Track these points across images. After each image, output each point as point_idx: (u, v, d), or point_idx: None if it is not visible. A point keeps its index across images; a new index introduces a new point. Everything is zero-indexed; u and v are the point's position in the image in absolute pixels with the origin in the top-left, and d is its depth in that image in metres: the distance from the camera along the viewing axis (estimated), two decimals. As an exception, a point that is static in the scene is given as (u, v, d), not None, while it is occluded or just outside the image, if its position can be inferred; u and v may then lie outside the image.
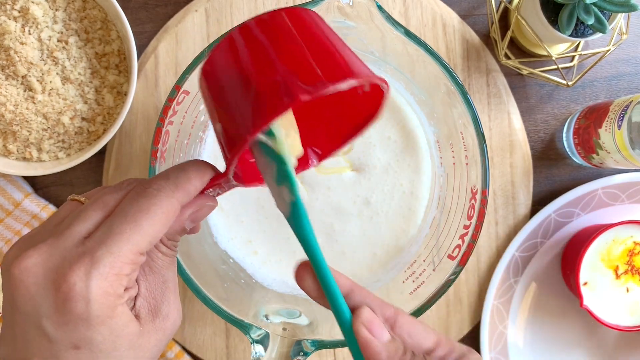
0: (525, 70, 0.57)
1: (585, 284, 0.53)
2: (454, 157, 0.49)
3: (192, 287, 0.43)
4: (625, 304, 0.54)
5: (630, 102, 0.49)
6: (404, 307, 0.45)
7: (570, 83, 0.56)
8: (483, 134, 0.44)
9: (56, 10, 0.53)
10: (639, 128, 0.48)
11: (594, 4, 0.48)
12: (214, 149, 0.52)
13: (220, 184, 0.32)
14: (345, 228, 0.52)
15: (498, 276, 0.57)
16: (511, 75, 0.59)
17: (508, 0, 0.58)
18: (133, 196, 0.30)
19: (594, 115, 0.54)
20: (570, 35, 0.51)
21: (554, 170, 0.60)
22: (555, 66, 0.57)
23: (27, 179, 0.57)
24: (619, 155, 0.51)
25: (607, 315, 0.53)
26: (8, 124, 0.52)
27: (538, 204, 0.59)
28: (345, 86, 0.27)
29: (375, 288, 0.51)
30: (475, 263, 0.58)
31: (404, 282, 0.49)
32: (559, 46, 0.59)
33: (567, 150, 0.59)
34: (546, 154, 0.60)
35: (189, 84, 0.44)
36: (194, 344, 0.56)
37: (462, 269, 0.44)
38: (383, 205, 0.53)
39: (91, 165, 0.58)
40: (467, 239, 0.44)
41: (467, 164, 0.47)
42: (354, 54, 0.30)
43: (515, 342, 0.58)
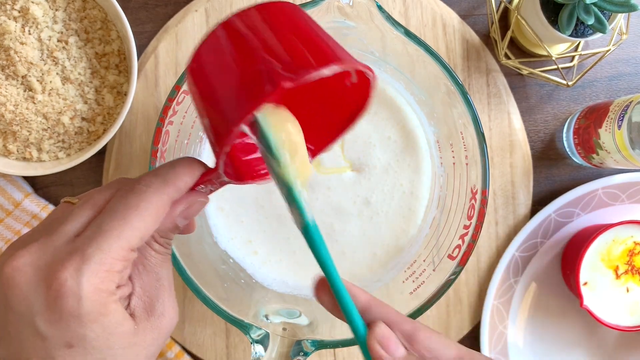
0: (525, 70, 0.57)
1: (585, 284, 0.53)
2: (454, 157, 0.49)
3: (192, 287, 0.43)
4: (625, 304, 0.54)
5: (630, 102, 0.49)
6: (404, 307, 0.45)
7: (570, 83, 0.56)
8: (483, 134, 0.44)
9: (56, 10, 0.53)
10: (639, 128, 0.48)
11: (594, 4, 0.48)
12: (214, 149, 0.52)
13: (211, 180, 0.32)
14: (345, 228, 0.52)
15: (498, 276, 0.57)
16: (511, 75, 0.59)
17: (508, 0, 0.58)
18: (122, 194, 0.30)
19: (594, 115, 0.54)
20: (570, 35, 0.51)
21: (554, 170, 0.60)
22: (555, 66, 0.57)
23: (27, 179, 0.57)
24: (619, 155, 0.51)
25: (607, 315, 0.53)
26: (8, 124, 0.52)
27: (538, 204, 0.59)
28: (328, 72, 0.27)
29: (375, 288, 0.51)
30: (475, 263, 0.58)
31: (404, 282, 0.49)
32: (559, 46, 0.59)
33: (567, 150, 0.59)
34: (546, 154, 0.60)
35: (189, 84, 0.44)
36: (194, 344, 0.56)
37: (462, 269, 0.44)
38: (383, 205, 0.53)
39: (91, 165, 0.58)
40: (467, 239, 0.44)
41: (467, 164, 0.47)
42: (338, 44, 0.30)
43: (515, 342, 0.58)
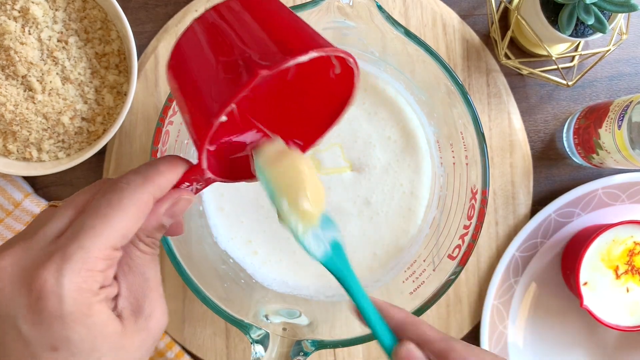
0: (525, 70, 0.57)
1: (585, 284, 0.53)
2: (454, 157, 0.49)
3: (192, 287, 0.43)
4: (625, 304, 0.54)
5: (630, 102, 0.49)
6: (404, 307, 0.45)
7: (570, 83, 0.56)
8: (483, 134, 0.44)
9: (56, 10, 0.53)
10: (639, 128, 0.48)
11: (594, 4, 0.48)
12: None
13: (196, 178, 0.31)
14: (345, 228, 0.52)
15: (498, 276, 0.57)
16: (511, 75, 0.59)
17: (508, 0, 0.58)
18: (103, 192, 0.29)
19: (594, 115, 0.54)
20: (570, 35, 0.51)
21: (554, 170, 0.60)
22: (555, 66, 0.57)
23: (27, 179, 0.57)
24: (619, 155, 0.51)
25: (607, 315, 0.53)
26: (8, 124, 0.52)
27: (538, 204, 0.59)
28: (305, 58, 0.27)
29: (375, 288, 0.51)
30: (475, 263, 0.58)
31: (404, 282, 0.49)
32: (559, 46, 0.59)
33: (567, 150, 0.59)
34: (546, 154, 0.60)
35: (189, 84, 0.44)
36: (194, 344, 0.56)
37: (462, 269, 0.44)
38: (383, 206, 0.53)
39: (91, 165, 0.58)
40: (467, 239, 0.44)
41: (467, 164, 0.47)
42: (316, 32, 0.30)
43: (515, 342, 0.58)
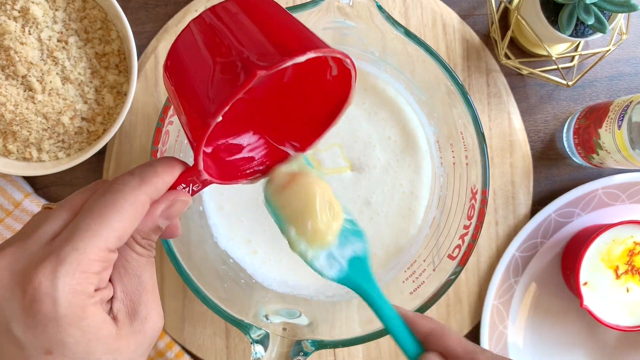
0: (525, 70, 0.57)
1: (585, 284, 0.53)
2: (454, 157, 0.49)
3: (192, 287, 0.43)
4: (625, 304, 0.54)
5: (630, 102, 0.49)
6: (403, 307, 0.45)
7: (570, 83, 0.56)
8: (483, 134, 0.44)
9: (56, 10, 0.53)
10: (639, 128, 0.48)
11: (594, 4, 0.48)
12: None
13: (193, 179, 0.31)
14: (345, 228, 0.52)
15: (498, 276, 0.57)
16: (511, 75, 0.59)
17: (508, 0, 0.58)
18: (99, 194, 0.29)
19: (594, 115, 0.54)
20: (570, 35, 0.51)
21: (554, 170, 0.60)
22: (555, 66, 0.57)
23: (27, 179, 0.57)
24: (619, 155, 0.51)
25: (607, 315, 0.53)
26: (8, 124, 0.52)
27: (538, 204, 0.59)
28: (302, 58, 0.27)
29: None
30: (475, 263, 0.58)
31: (404, 282, 0.49)
32: (559, 46, 0.59)
33: (567, 150, 0.59)
34: (546, 154, 0.60)
35: (189, 84, 0.44)
36: (194, 344, 0.56)
37: (462, 269, 0.44)
38: (383, 206, 0.53)
39: (91, 165, 0.58)
40: (467, 239, 0.44)
41: (467, 164, 0.47)
42: (313, 32, 0.30)
43: (515, 342, 0.58)
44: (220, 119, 0.27)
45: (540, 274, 0.58)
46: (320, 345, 0.43)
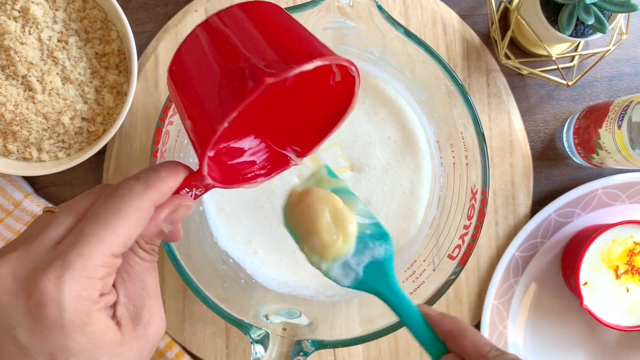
0: (525, 70, 0.57)
1: (585, 284, 0.53)
2: (454, 157, 0.49)
3: (192, 287, 0.43)
4: (625, 304, 0.54)
5: (630, 102, 0.49)
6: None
7: (570, 83, 0.56)
8: (483, 134, 0.44)
9: (56, 10, 0.53)
10: (639, 128, 0.48)
11: (594, 4, 0.48)
12: (214, 149, 0.52)
13: (196, 183, 0.31)
14: (345, 228, 0.52)
15: (498, 276, 0.57)
16: (511, 75, 0.59)
17: (508, 0, 0.58)
18: (104, 199, 0.29)
19: (594, 115, 0.54)
20: (570, 35, 0.51)
21: (554, 170, 0.60)
22: (555, 66, 0.57)
23: (27, 179, 0.57)
24: (619, 155, 0.51)
25: (607, 315, 0.53)
26: (8, 124, 0.52)
27: (538, 204, 0.59)
28: (310, 66, 0.27)
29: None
30: (475, 263, 0.58)
31: (404, 282, 0.49)
32: (559, 46, 0.59)
33: (567, 150, 0.59)
34: (546, 154, 0.60)
35: (189, 84, 0.44)
36: (194, 344, 0.56)
37: (462, 269, 0.44)
38: (383, 206, 0.53)
39: (91, 165, 0.58)
40: (467, 239, 0.44)
41: (467, 164, 0.47)
42: (319, 40, 0.30)
43: (515, 342, 0.58)
44: (226, 125, 0.27)
45: (540, 274, 0.58)
46: (320, 345, 0.43)
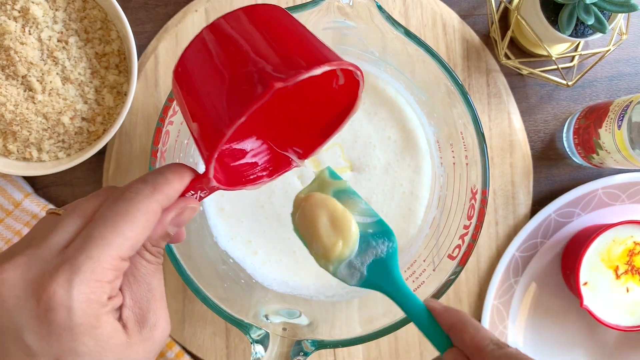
0: (525, 70, 0.57)
1: (585, 284, 0.53)
2: (454, 157, 0.49)
3: (192, 287, 0.43)
4: (625, 304, 0.54)
5: (630, 102, 0.49)
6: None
7: (570, 83, 0.56)
8: (483, 134, 0.44)
9: (56, 10, 0.53)
10: (639, 128, 0.48)
11: (594, 4, 0.48)
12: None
13: (201, 186, 0.31)
14: (345, 228, 0.52)
15: (498, 276, 0.57)
16: (511, 75, 0.59)
17: (508, 0, 0.58)
18: (111, 202, 0.29)
19: (594, 115, 0.54)
20: (570, 35, 0.51)
21: (554, 170, 0.60)
22: (555, 66, 0.57)
23: (27, 179, 0.57)
24: (619, 155, 0.51)
25: (607, 315, 0.53)
26: (8, 124, 0.52)
27: (538, 204, 0.59)
28: (318, 71, 0.27)
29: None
30: (475, 263, 0.58)
31: (404, 282, 0.49)
32: (559, 46, 0.59)
33: (567, 150, 0.59)
34: (546, 154, 0.60)
35: (189, 84, 0.44)
36: (194, 344, 0.56)
37: (462, 269, 0.44)
38: (383, 206, 0.53)
39: (91, 165, 0.58)
40: (467, 239, 0.44)
41: (467, 164, 0.47)
42: (325, 44, 0.30)
43: (515, 342, 0.58)
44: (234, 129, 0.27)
45: (540, 274, 0.58)
46: (320, 345, 0.43)
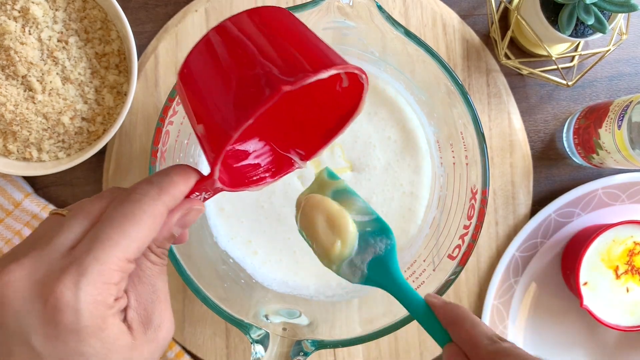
0: (525, 70, 0.57)
1: (585, 284, 0.53)
2: (454, 157, 0.49)
3: (192, 287, 0.43)
4: (625, 304, 0.54)
5: (630, 102, 0.49)
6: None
7: (570, 83, 0.56)
8: (483, 134, 0.44)
9: (56, 10, 0.53)
10: (639, 128, 0.48)
11: (594, 4, 0.48)
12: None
13: (206, 187, 0.31)
14: (345, 228, 0.52)
15: (498, 276, 0.57)
16: (511, 75, 0.59)
17: (508, 0, 0.58)
18: (117, 203, 0.29)
19: (594, 115, 0.54)
20: (570, 35, 0.51)
21: (554, 170, 0.60)
22: (555, 66, 0.57)
23: (27, 179, 0.57)
24: (619, 155, 0.51)
25: (607, 315, 0.53)
26: (8, 124, 0.52)
27: (538, 204, 0.59)
28: (325, 74, 0.27)
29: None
30: (475, 263, 0.58)
31: (404, 282, 0.49)
32: (559, 46, 0.59)
33: (567, 150, 0.59)
34: (546, 154, 0.60)
35: (189, 84, 0.44)
36: (194, 344, 0.56)
37: (462, 269, 0.44)
38: (383, 206, 0.53)
39: (91, 165, 0.58)
40: (467, 239, 0.44)
41: (467, 164, 0.47)
42: (330, 47, 0.30)
43: (515, 342, 0.58)
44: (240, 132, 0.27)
45: (540, 274, 0.58)
46: (320, 345, 0.43)
